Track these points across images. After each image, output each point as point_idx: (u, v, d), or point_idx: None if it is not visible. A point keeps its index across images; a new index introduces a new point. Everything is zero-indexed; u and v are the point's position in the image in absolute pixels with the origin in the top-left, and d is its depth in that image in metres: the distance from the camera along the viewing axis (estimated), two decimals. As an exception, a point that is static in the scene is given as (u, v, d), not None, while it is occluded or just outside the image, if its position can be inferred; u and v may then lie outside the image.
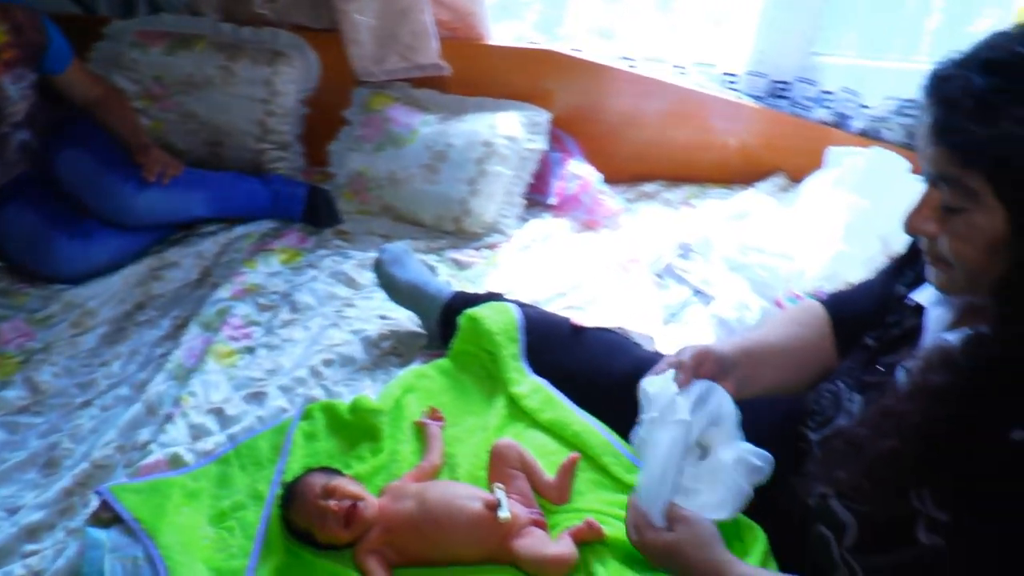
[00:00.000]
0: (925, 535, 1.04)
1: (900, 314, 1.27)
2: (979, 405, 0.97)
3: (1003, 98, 0.92)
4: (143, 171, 2.09)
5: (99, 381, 1.81)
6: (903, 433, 1.04)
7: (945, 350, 1.03)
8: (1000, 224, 0.94)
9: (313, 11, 2.40)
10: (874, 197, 2.07)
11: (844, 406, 1.25)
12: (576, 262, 2.18)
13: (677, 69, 2.62)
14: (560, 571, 1.34)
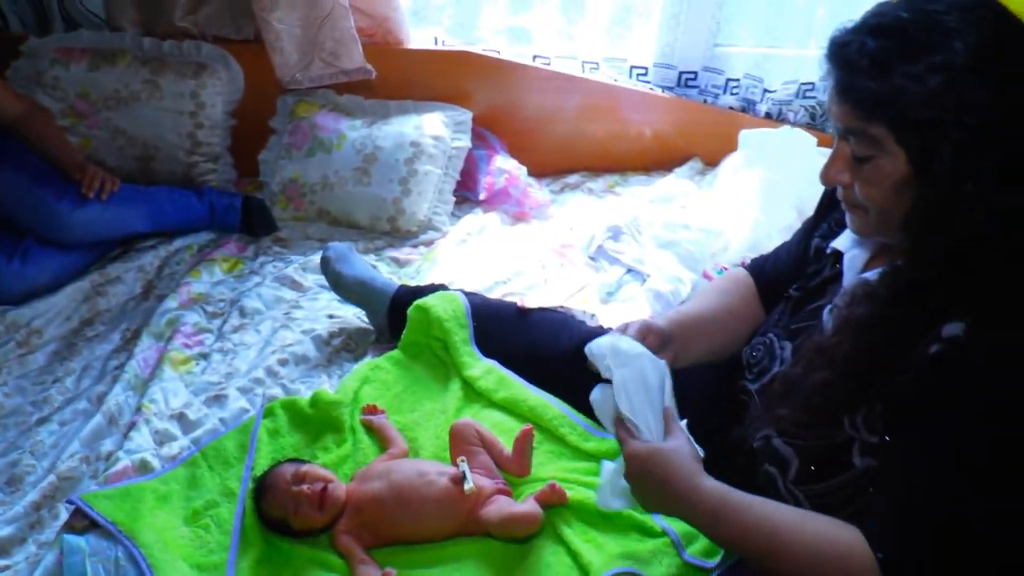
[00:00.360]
0: (859, 458, 1.17)
1: (820, 264, 1.40)
2: (899, 329, 1.10)
3: (892, 56, 1.05)
4: (81, 187, 2.09)
5: (54, 397, 1.81)
6: (834, 364, 1.16)
7: (866, 285, 1.16)
8: (902, 167, 1.07)
9: (234, 23, 2.43)
10: (785, 171, 2.22)
11: (777, 354, 1.37)
12: (512, 252, 2.27)
13: (589, 65, 2.74)
14: (527, 528, 1.42)
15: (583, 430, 1.63)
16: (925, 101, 1.02)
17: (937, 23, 1.04)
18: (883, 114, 1.06)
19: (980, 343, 1.03)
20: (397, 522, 1.45)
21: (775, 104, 2.75)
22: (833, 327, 1.21)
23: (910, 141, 1.05)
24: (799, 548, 1.13)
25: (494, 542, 1.44)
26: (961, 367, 1.03)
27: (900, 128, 1.05)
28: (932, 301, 1.07)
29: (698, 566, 1.39)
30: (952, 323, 1.05)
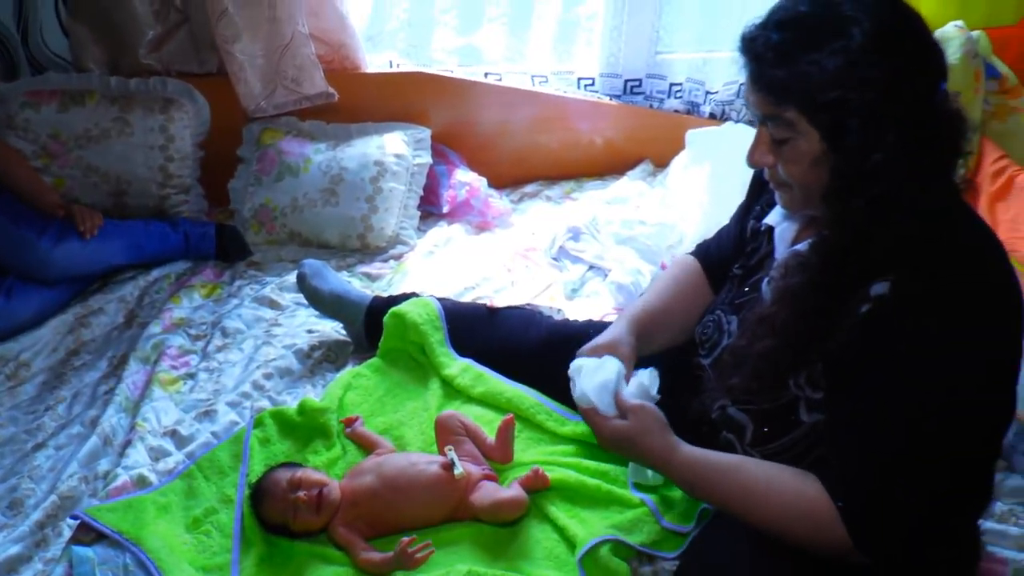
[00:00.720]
0: (807, 415, 1.29)
1: (756, 242, 1.52)
2: (832, 293, 1.21)
3: (795, 46, 1.16)
4: (78, 228, 2.17)
5: (47, 424, 1.88)
6: (775, 332, 1.28)
7: (797, 255, 1.29)
8: (817, 144, 1.19)
9: (197, 57, 2.52)
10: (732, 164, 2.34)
11: (725, 329, 1.49)
12: (478, 259, 2.38)
13: (538, 79, 2.86)
14: (514, 513, 1.51)
15: (559, 416, 1.73)
16: (829, 84, 1.14)
17: (835, 13, 1.16)
18: (793, 99, 1.17)
19: (904, 298, 1.15)
20: (392, 511, 1.54)
21: (718, 105, 2.90)
22: (772, 297, 1.32)
23: (820, 121, 1.17)
24: (769, 506, 1.26)
25: (484, 526, 1.54)
26: (889, 322, 1.16)
27: (810, 110, 1.17)
28: (858, 264, 1.19)
29: (674, 530, 1.50)
30: (878, 283, 1.17)
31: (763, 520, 1.26)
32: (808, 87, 1.15)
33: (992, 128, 2.17)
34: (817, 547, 1.22)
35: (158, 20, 2.44)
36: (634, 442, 1.35)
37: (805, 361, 1.27)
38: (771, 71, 1.18)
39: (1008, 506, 1.63)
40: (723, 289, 1.58)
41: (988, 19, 2.49)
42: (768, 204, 1.50)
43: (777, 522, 1.25)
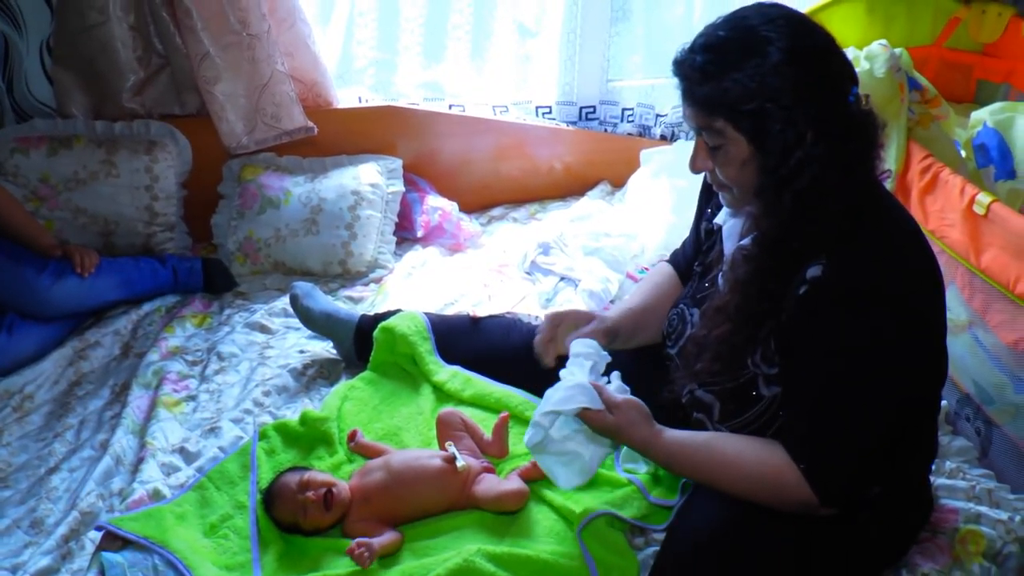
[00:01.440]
0: (766, 388, 1.46)
1: (710, 240, 1.69)
2: (774, 278, 1.38)
3: (717, 67, 1.33)
4: (75, 267, 2.27)
5: (58, 450, 1.97)
6: (731, 317, 1.44)
7: (742, 249, 1.46)
8: (745, 148, 1.36)
9: (178, 100, 2.64)
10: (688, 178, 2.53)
11: (688, 320, 1.65)
12: (455, 277, 2.52)
13: (499, 109, 3.04)
14: (517, 503, 1.64)
15: (546, 412, 1.87)
16: (748, 95, 1.31)
17: (753, 35, 1.33)
18: (719, 111, 1.34)
19: (836, 277, 1.32)
20: (401, 503, 1.65)
21: (667, 127, 3.10)
22: (724, 288, 1.49)
23: (745, 127, 1.34)
24: (740, 475, 1.42)
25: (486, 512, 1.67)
26: (824, 299, 1.33)
27: (735, 119, 1.34)
28: (793, 250, 1.36)
29: (661, 504, 1.65)
30: (813, 266, 1.34)
31: (735, 488, 1.43)
32: (731, 100, 1.32)
33: (917, 133, 2.37)
34: (787, 507, 1.39)
35: (141, 65, 2.56)
36: (622, 433, 1.49)
37: (758, 340, 1.43)
38: (699, 89, 1.35)
39: (956, 464, 1.82)
40: (686, 285, 1.75)
41: (908, 39, 2.73)
42: (717, 207, 1.68)
43: (748, 489, 1.42)
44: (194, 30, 2.43)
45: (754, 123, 1.32)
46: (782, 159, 1.32)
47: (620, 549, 1.57)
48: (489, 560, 1.51)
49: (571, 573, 1.52)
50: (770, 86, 1.30)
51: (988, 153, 2.33)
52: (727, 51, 1.34)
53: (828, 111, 1.32)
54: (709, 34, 1.38)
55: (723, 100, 1.33)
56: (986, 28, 2.94)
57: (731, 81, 1.31)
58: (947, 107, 2.50)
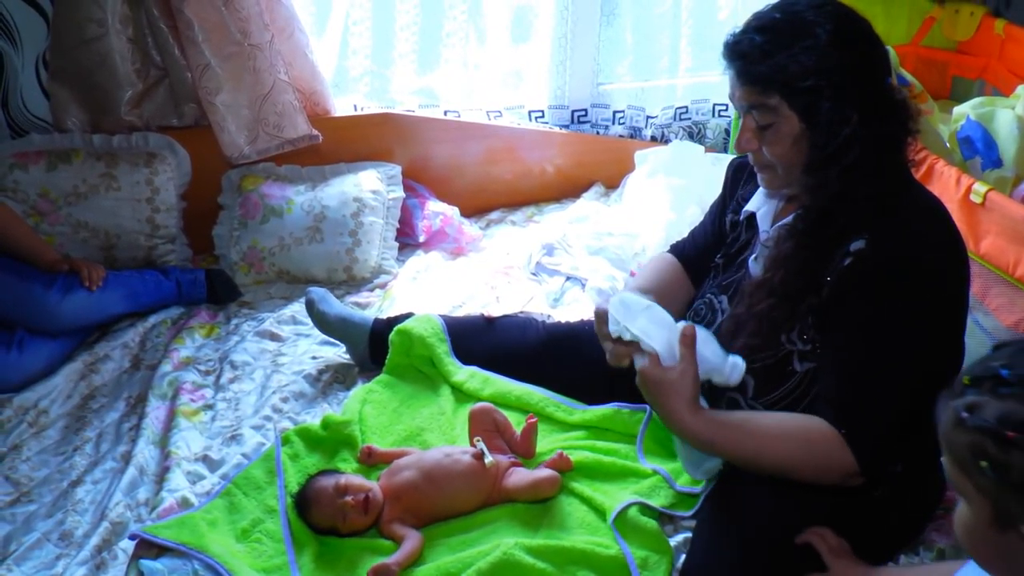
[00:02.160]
0: (799, 365, 1.51)
1: (736, 232, 1.74)
2: (818, 253, 1.45)
3: (774, 45, 1.42)
4: (83, 281, 2.26)
5: (79, 463, 1.95)
6: (773, 292, 1.50)
7: (785, 226, 1.52)
8: (796, 125, 1.44)
9: (176, 111, 2.64)
10: (685, 176, 2.60)
11: (717, 307, 1.71)
12: (461, 279, 2.55)
13: (493, 114, 3.07)
14: (552, 489, 1.68)
15: (567, 407, 1.91)
16: (804, 73, 1.40)
17: (801, 19, 1.43)
18: (776, 88, 1.43)
19: (878, 250, 1.40)
20: (432, 500, 1.67)
21: (658, 128, 3.16)
22: (765, 266, 1.54)
23: (799, 104, 1.42)
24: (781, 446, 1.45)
25: (518, 505, 1.70)
26: (868, 269, 1.40)
27: (789, 96, 1.42)
28: (837, 225, 1.43)
29: (688, 493, 1.69)
30: (856, 240, 1.41)
31: (776, 460, 1.45)
32: (788, 77, 1.41)
33: (907, 128, 2.48)
34: (828, 475, 1.42)
35: (139, 78, 2.55)
36: (671, 392, 1.42)
37: (797, 316, 1.49)
38: (756, 67, 1.43)
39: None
40: (707, 278, 1.80)
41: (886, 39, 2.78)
42: (743, 199, 1.73)
43: (789, 459, 1.44)
44: (195, 41, 2.43)
45: (808, 100, 1.41)
46: (832, 136, 1.41)
47: (654, 536, 1.60)
48: (528, 553, 1.55)
49: (608, 561, 1.56)
50: (824, 66, 1.39)
51: (973, 145, 2.42)
52: (782, 32, 1.43)
53: (871, 93, 1.42)
54: (763, 16, 1.47)
55: (780, 77, 1.41)
56: (960, 27, 3.05)
57: (788, 59, 1.40)
58: (932, 103, 2.59)
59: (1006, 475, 0.83)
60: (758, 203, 1.66)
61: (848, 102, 1.40)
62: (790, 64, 1.40)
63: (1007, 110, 2.41)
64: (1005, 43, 2.91)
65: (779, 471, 1.46)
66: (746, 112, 1.50)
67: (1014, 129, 2.36)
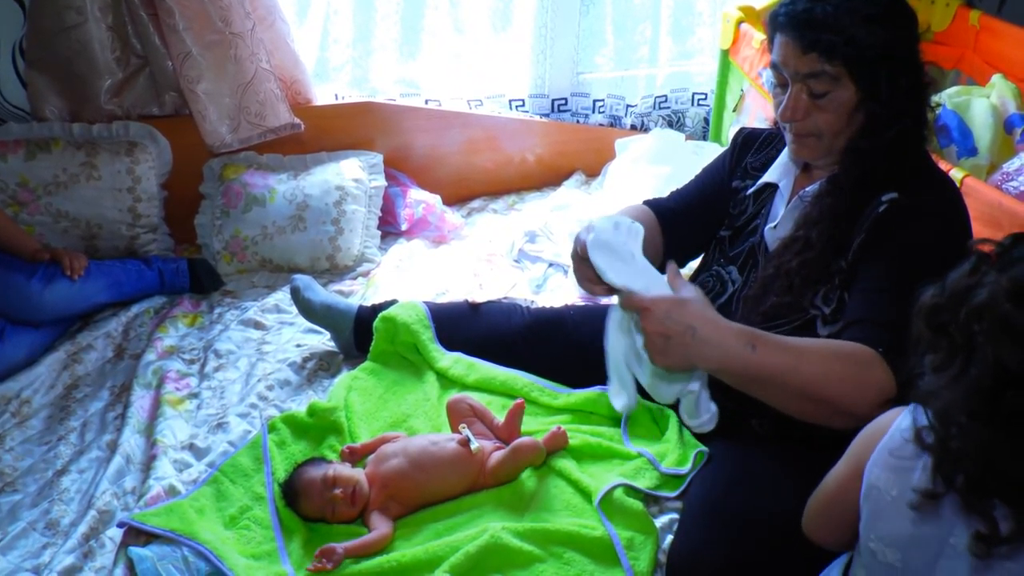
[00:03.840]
0: (823, 329, 1.54)
1: (743, 204, 1.77)
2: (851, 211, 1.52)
3: (840, 14, 1.46)
4: (64, 271, 2.25)
5: (63, 452, 1.95)
6: (807, 247, 1.55)
7: (823, 185, 1.58)
8: (853, 96, 1.50)
9: (156, 100, 2.63)
10: (665, 164, 2.62)
11: (726, 279, 1.75)
12: (443, 267, 2.56)
13: (474, 103, 3.08)
14: (532, 453, 1.71)
15: (551, 391, 1.93)
16: (871, 45, 1.46)
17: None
18: (841, 55, 1.47)
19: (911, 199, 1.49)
20: (419, 487, 1.68)
21: (638, 117, 3.18)
22: (797, 223, 1.59)
23: (862, 75, 1.48)
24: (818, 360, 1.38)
25: (503, 488, 1.71)
26: (902, 214, 1.49)
27: (855, 65, 1.48)
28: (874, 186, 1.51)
29: (672, 474, 1.71)
30: (887, 193, 1.50)
31: (814, 374, 1.36)
32: (856, 48, 1.46)
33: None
34: (864, 394, 1.35)
35: (119, 66, 2.53)
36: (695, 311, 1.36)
37: (828, 273, 1.54)
38: (824, 35, 1.47)
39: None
40: (709, 253, 1.83)
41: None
42: (752, 168, 1.78)
43: (828, 374, 1.36)
44: (176, 29, 2.41)
45: (871, 71, 1.47)
46: (888, 107, 1.48)
47: (640, 517, 1.62)
48: (515, 535, 1.57)
49: (594, 542, 1.58)
50: (887, 38, 1.46)
51: (949, 133, 2.46)
52: (845, 3, 1.47)
53: (917, 66, 1.51)
54: None
55: (848, 48, 1.46)
56: (935, 17, 3.09)
57: (856, 29, 1.45)
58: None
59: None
60: (778, 174, 1.70)
61: (903, 75, 1.48)
62: (859, 35, 1.46)
63: (982, 99, 2.46)
64: (980, 34, 2.95)
65: (816, 389, 1.37)
66: (801, 80, 1.53)
67: (989, 118, 2.41)
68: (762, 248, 1.68)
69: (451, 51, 2.98)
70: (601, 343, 1.84)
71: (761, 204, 1.73)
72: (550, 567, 1.55)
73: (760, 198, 1.74)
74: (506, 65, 3.08)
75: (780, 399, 1.42)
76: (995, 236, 1.89)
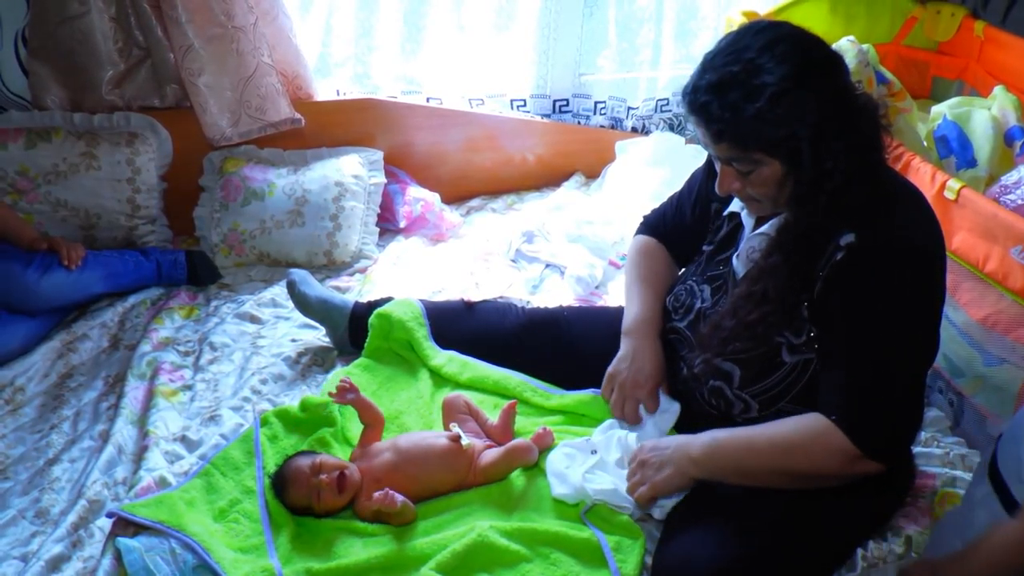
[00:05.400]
0: (789, 356, 1.54)
1: (720, 223, 1.77)
2: (804, 257, 1.48)
3: (741, 104, 1.39)
4: (62, 260, 2.25)
5: (55, 441, 1.96)
6: (764, 301, 1.53)
7: (769, 239, 1.55)
8: (779, 169, 1.44)
9: (158, 92, 2.63)
10: (665, 167, 2.62)
11: (697, 294, 1.73)
12: (440, 265, 2.56)
13: (475, 101, 3.08)
14: (525, 454, 1.72)
15: (544, 392, 1.93)
16: (778, 125, 1.39)
17: (759, 66, 1.40)
18: (755, 143, 1.42)
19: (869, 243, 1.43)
20: (411, 482, 1.69)
21: (639, 119, 3.18)
22: (752, 275, 1.57)
23: (779, 153, 1.43)
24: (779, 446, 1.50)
25: (492, 486, 1.72)
26: (861, 262, 1.44)
27: (769, 148, 1.42)
28: (824, 233, 1.47)
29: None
30: (845, 235, 1.45)
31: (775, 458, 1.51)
32: (764, 133, 1.40)
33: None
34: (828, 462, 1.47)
35: (121, 57, 2.53)
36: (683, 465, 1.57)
37: (791, 316, 1.52)
38: (729, 128, 1.42)
39: (930, 433, 1.95)
40: (692, 263, 1.82)
41: (868, 37, 2.85)
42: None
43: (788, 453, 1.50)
44: (178, 22, 2.42)
45: (788, 147, 1.41)
46: (815, 170, 1.42)
47: (625, 524, 1.63)
48: (502, 535, 1.58)
49: (581, 543, 1.59)
50: (796, 112, 1.39)
51: (949, 144, 2.46)
52: (744, 86, 1.39)
53: (843, 112, 1.42)
54: (718, 70, 1.43)
55: (757, 136, 1.41)
56: (940, 27, 3.08)
57: (760, 116, 1.38)
58: (911, 101, 2.62)
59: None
60: (740, 205, 1.67)
61: (827, 135, 1.40)
62: (764, 121, 1.39)
63: (983, 110, 2.45)
64: (984, 45, 2.95)
65: (782, 470, 1.51)
66: (725, 162, 1.50)
67: (989, 130, 2.40)
68: (731, 277, 1.67)
69: (453, 49, 2.97)
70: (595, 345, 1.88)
71: (734, 229, 1.72)
72: (537, 567, 1.56)
73: (733, 221, 1.73)
74: (508, 65, 3.08)
75: (756, 483, 1.56)
76: (990, 248, 1.90)
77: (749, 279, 1.57)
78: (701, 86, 1.44)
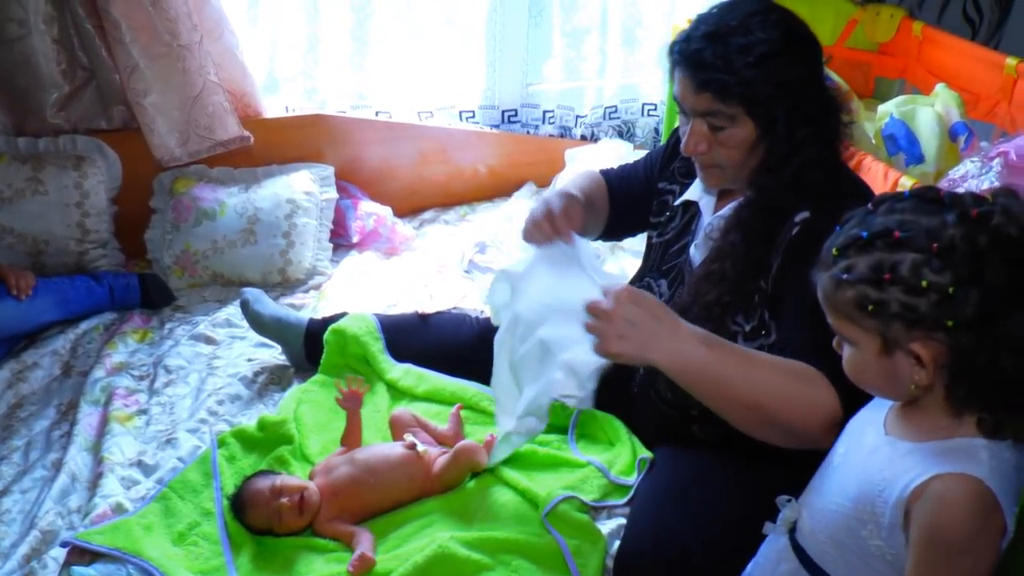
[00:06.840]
0: (743, 344, 1.55)
1: (672, 214, 1.79)
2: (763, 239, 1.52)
3: (731, 55, 1.45)
4: (12, 291, 2.22)
5: (6, 472, 1.93)
6: (722, 280, 1.55)
7: (729, 218, 1.58)
8: (752, 132, 1.49)
9: (104, 114, 2.61)
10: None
11: (655, 290, 1.76)
12: (394, 279, 2.57)
13: (424, 114, 3.09)
14: (472, 454, 1.73)
15: (500, 401, 1.94)
16: (764, 84, 1.45)
17: (754, 26, 1.46)
18: (736, 96, 1.47)
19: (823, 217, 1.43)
20: (370, 495, 1.69)
21: (587, 127, 3.22)
22: (710, 256, 1.59)
23: (757, 113, 1.48)
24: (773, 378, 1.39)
25: (452, 495, 1.73)
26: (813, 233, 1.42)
27: (749, 104, 1.47)
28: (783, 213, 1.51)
29: (621, 484, 1.73)
30: (800, 213, 1.49)
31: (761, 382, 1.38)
32: (748, 88, 1.45)
33: (833, 127, 2.59)
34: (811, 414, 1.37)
35: (65, 79, 2.51)
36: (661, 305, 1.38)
37: (747, 297, 1.55)
38: (717, 76, 1.46)
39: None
40: (647, 258, 1.86)
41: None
42: (680, 174, 1.79)
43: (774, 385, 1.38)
44: (122, 42, 2.40)
45: (767, 109, 1.47)
46: (787, 141, 1.47)
47: (585, 527, 1.63)
48: (463, 544, 1.58)
49: (542, 550, 1.59)
50: (782, 77, 1.45)
51: (897, 142, 2.52)
52: (737, 41, 1.45)
53: (817, 95, 1.50)
54: (713, 22, 1.49)
55: (742, 89, 1.45)
56: (880, 28, 3.16)
57: (748, 70, 1.44)
58: (858, 102, 2.68)
59: (888, 310, 1.06)
60: (698, 192, 1.71)
61: (802, 109, 1.47)
62: (750, 77, 1.44)
63: (927, 108, 2.51)
64: (923, 44, 3.03)
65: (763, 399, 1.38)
66: (699, 115, 1.53)
67: (934, 126, 2.46)
68: (688, 266, 1.70)
69: (401, 62, 2.98)
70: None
71: (690, 219, 1.76)
72: (498, 575, 1.56)
73: (688, 212, 1.76)
74: (456, 76, 3.10)
75: (727, 407, 1.42)
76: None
77: (707, 260, 1.60)
78: (696, 35, 1.50)
